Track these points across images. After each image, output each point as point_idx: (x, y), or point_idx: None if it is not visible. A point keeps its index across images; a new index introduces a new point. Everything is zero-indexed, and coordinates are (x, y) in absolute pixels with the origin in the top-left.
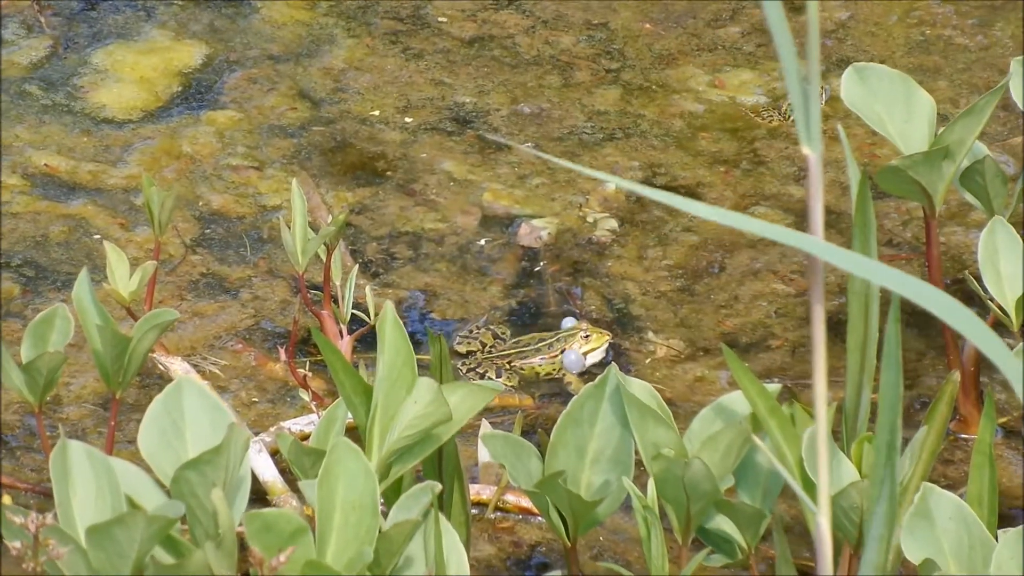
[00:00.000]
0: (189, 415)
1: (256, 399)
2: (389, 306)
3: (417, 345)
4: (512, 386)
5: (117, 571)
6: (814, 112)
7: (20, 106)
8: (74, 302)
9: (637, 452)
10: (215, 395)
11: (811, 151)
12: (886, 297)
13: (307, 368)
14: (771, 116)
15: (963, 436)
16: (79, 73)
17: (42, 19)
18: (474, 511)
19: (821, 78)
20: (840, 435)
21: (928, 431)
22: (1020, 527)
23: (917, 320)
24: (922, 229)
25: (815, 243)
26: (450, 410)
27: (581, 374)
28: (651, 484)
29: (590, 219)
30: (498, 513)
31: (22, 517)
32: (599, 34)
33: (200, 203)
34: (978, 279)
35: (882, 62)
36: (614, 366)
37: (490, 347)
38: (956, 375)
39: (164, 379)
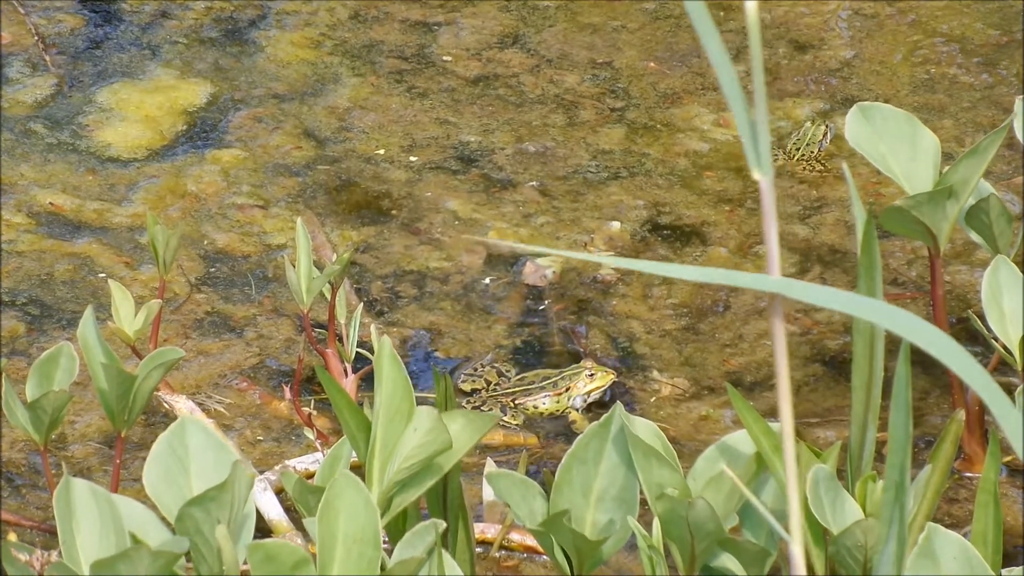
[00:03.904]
0: (193, 453)
1: (261, 437)
2: (386, 341)
3: (422, 383)
4: (517, 424)
5: None
6: (763, 136)
7: (25, 144)
8: (79, 340)
9: (642, 491)
10: (219, 433)
11: (761, 176)
12: (893, 336)
13: (312, 406)
14: (775, 155)
15: (968, 475)
16: (84, 112)
17: (47, 58)
18: (479, 549)
19: (826, 117)
20: (845, 474)
21: (933, 470)
22: (1023, 566)
23: (922, 358)
24: (927, 268)
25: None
26: (450, 437)
27: (585, 412)
28: (656, 523)
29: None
30: (503, 552)
31: (27, 554)
32: (603, 73)
33: (205, 242)
34: (982, 318)
35: (887, 101)
36: (619, 405)
37: (495, 385)
38: (961, 414)
39: (169, 417)
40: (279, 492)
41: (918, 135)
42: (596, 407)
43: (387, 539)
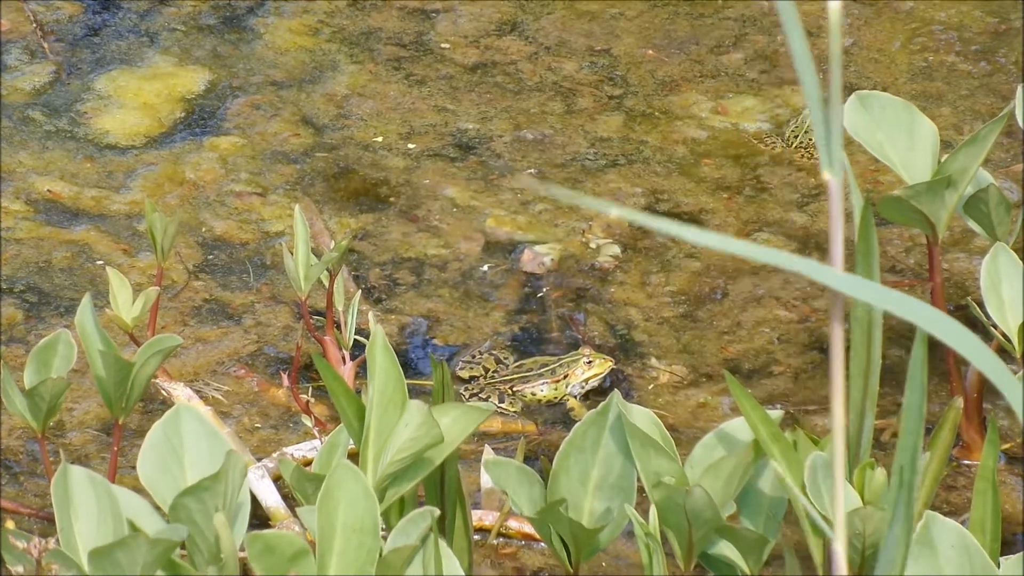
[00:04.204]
0: (188, 442)
1: (259, 425)
2: (379, 330)
3: (420, 370)
4: (515, 412)
5: None
6: (836, 136)
7: (23, 132)
8: (77, 328)
9: (639, 478)
10: (214, 422)
11: (832, 176)
12: (889, 324)
13: (309, 394)
14: (774, 143)
15: (966, 462)
16: (82, 99)
17: (45, 45)
18: (477, 537)
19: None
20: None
21: (931, 457)
22: (1021, 553)
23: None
24: (925, 256)
25: (826, 271)
26: (441, 432)
27: (584, 399)
28: (653, 511)
29: (593, 245)
30: (501, 539)
31: (25, 542)
32: (602, 61)
33: (203, 229)
34: (981, 306)
35: (885, 89)
36: (617, 393)
37: (493, 372)
38: (959, 401)
39: (167, 405)
40: (277, 479)
41: (916, 123)
42: (594, 394)
43: (384, 527)
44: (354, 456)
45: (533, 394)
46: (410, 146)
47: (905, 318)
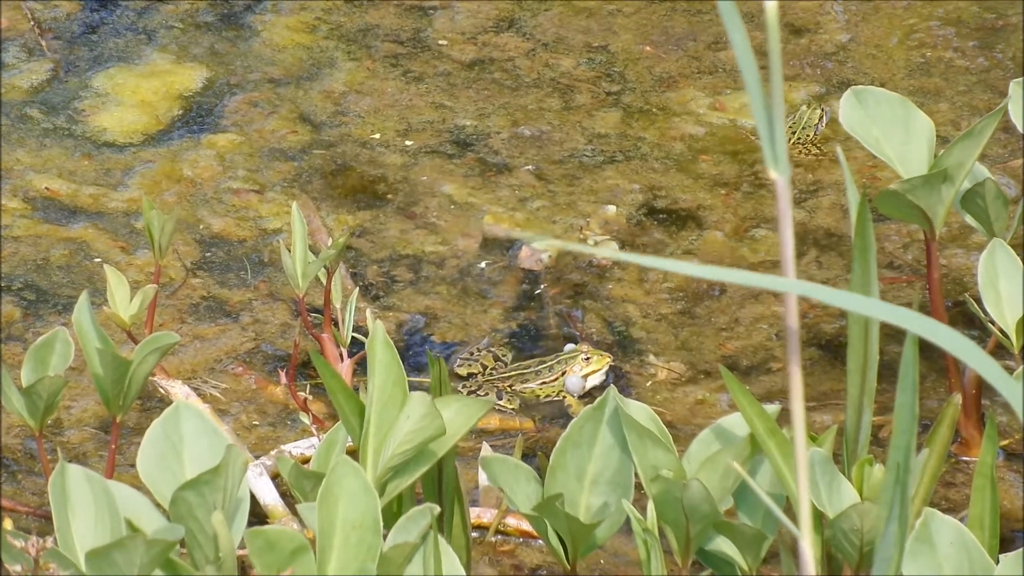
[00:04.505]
0: (187, 439)
1: (257, 422)
2: (379, 326)
3: (418, 367)
4: (513, 409)
5: None
6: (779, 134)
7: (21, 130)
8: (74, 325)
9: (637, 474)
10: (213, 419)
11: (779, 175)
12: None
13: (307, 391)
14: None
15: (964, 458)
16: (80, 96)
17: (43, 43)
18: (475, 534)
19: (821, 100)
20: (841, 458)
21: (929, 454)
22: (1020, 550)
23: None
24: (923, 251)
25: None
26: (443, 423)
27: (581, 396)
28: (650, 506)
29: (591, 242)
30: (499, 536)
31: (22, 541)
32: (599, 57)
33: (201, 226)
34: (979, 301)
35: (882, 84)
36: (613, 388)
37: (491, 369)
38: (957, 397)
39: (165, 402)
40: (275, 477)
41: (912, 118)
42: (597, 390)
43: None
44: (352, 453)
45: (532, 390)
46: (408, 143)
47: (895, 323)
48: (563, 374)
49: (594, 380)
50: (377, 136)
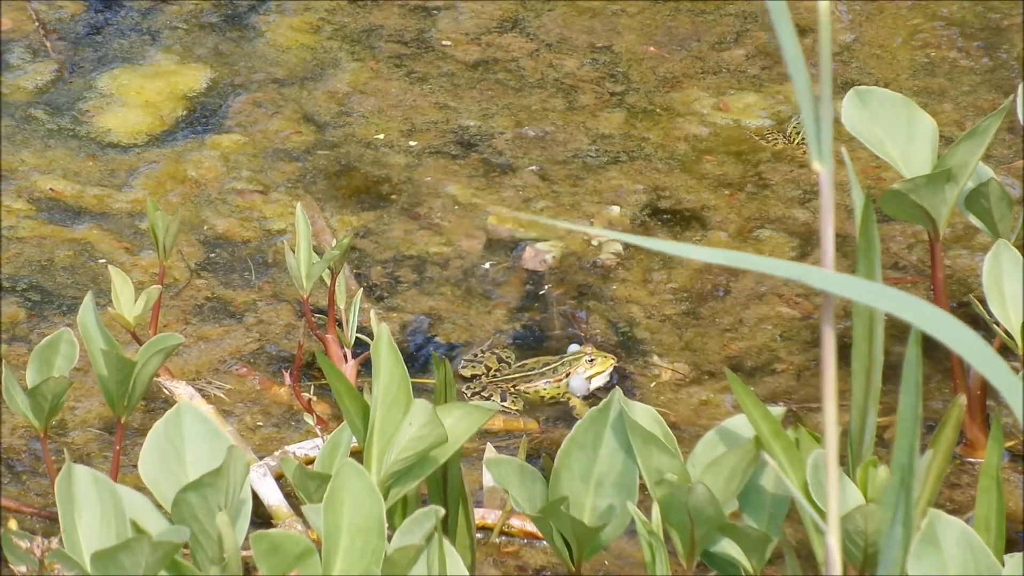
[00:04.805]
0: (189, 440)
1: (261, 423)
2: (384, 328)
3: (422, 368)
4: (517, 410)
5: None
6: (825, 128)
7: (26, 130)
8: (79, 326)
9: (641, 476)
10: (215, 420)
11: (822, 167)
12: (894, 320)
13: (312, 392)
14: (776, 139)
15: (970, 460)
16: (84, 97)
17: (47, 44)
18: (479, 535)
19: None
20: (845, 459)
21: (934, 455)
22: None
23: (924, 343)
24: (927, 252)
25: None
26: (445, 432)
27: (585, 397)
28: (655, 509)
29: (595, 242)
30: (503, 537)
31: (28, 542)
32: (603, 57)
33: (205, 227)
34: (983, 302)
35: (887, 85)
36: (618, 390)
37: (495, 371)
38: (962, 398)
39: (169, 403)
40: (279, 478)
41: (915, 119)
42: (601, 392)
43: (388, 525)
44: (356, 454)
45: (535, 392)
46: (411, 143)
47: (902, 317)
48: (567, 375)
49: (598, 381)
50: (381, 137)
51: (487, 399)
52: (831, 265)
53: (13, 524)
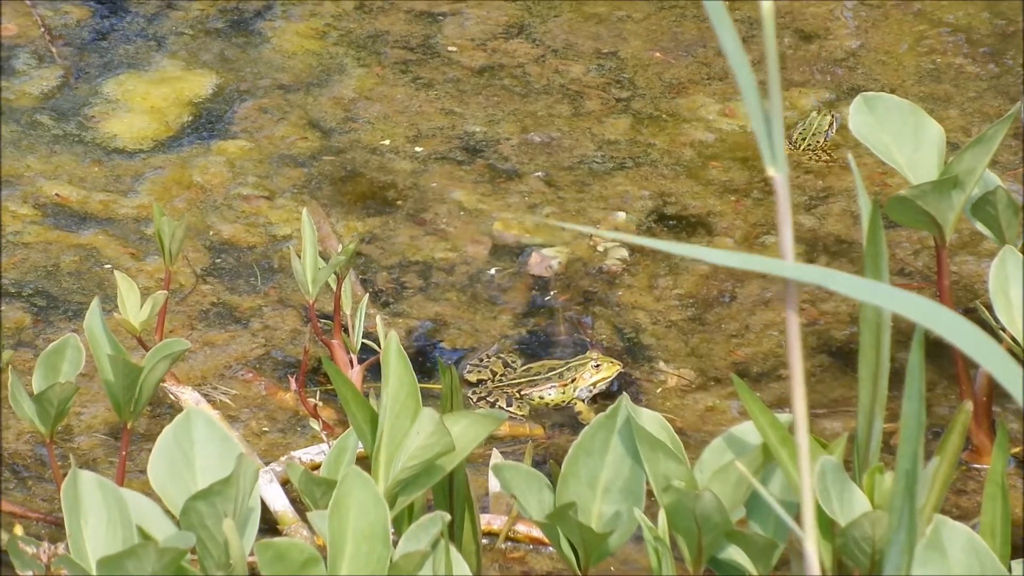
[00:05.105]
0: (199, 446)
1: (267, 429)
2: (393, 336)
3: (428, 374)
4: (523, 415)
5: None
6: (777, 133)
7: (31, 136)
8: (86, 332)
9: (648, 482)
10: (224, 426)
11: (777, 173)
12: (899, 327)
13: (318, 398)
14: None
15: (976, 466)
16: (90, 103)
17: (53, 49)
18: (485, 541)
19: (831, 107)
20: (852, 465)
21: (940, 461)
22: None
23: (929, 349)
24: (934, 258)
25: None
26: (452, 441)
27: (592, 402)
28: (662, 515)
29: (601, 248)
30: (509, 543)
31: (34, 547)
32: (609, 63)
33: (211, 233)
34: (990, 308)
35: (893, 91)
36: (625, 396)
37: (501, 376)
38: (968, 405)
39: (175, 409)
40: (285, 483)
41: (922, 125)
42: (602, 398)
43: (394, 531)
44: (362, 460)
45: (541, 398)
46: (417, 149)
47: (912, 319)
48: (573, 381)
49: (602, 386)
50: (387, 142)
51: (493, 404)
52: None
53: (19, 530)
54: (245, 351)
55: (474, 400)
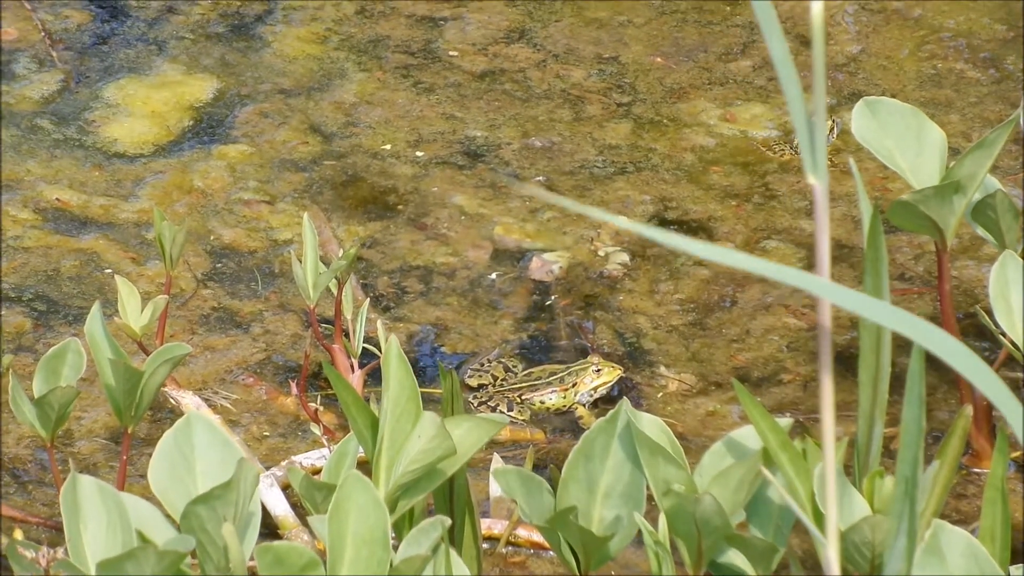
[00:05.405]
0: (199, 450)
1: (267, 433)
2: (394, 340)
3: (429, 378)
4: (524, 420)
5: None
6: (819, 142)
7: (32, 140)
8: (86, 336)
9: (649, 486)
10: (225, 430)
11: (817, 181)
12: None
13: (318, 402)
14: (782, 150)
15: (976, 470)
16: (91, 107)
17: (54, 53)
18: (486, 546)
19: (832, 112)
20: (852, 470)
21: (941, 466)
22: None
23: (930, 354)
24: (934, 263)
25: (818, 283)
26: (454, 445)
27: (591, 407)
28: (662, 519)
29: (601, 253)
30: (510, 548)
31: (33, 552)
32: (610, 68)
33: (211, 237)
34: (990, 313)
35: (894, 96)
36: (626, 401)
37: (501, 380)
38: (968, 409)
39: (176, 413)
40: (285, 488)
41: (924, 130)
42: (603, 402)
43: (395, 536)
44: (362, 464)
45: (542, 402)
46: (418, 154)
47: (903, 333)
48: (574, 385)
49: (603, 390)
50: (388, 147)
51: (494, 409)
52: (827, 275)
53: (19, 534)
54: (246, 355)
55: (475, 404)
